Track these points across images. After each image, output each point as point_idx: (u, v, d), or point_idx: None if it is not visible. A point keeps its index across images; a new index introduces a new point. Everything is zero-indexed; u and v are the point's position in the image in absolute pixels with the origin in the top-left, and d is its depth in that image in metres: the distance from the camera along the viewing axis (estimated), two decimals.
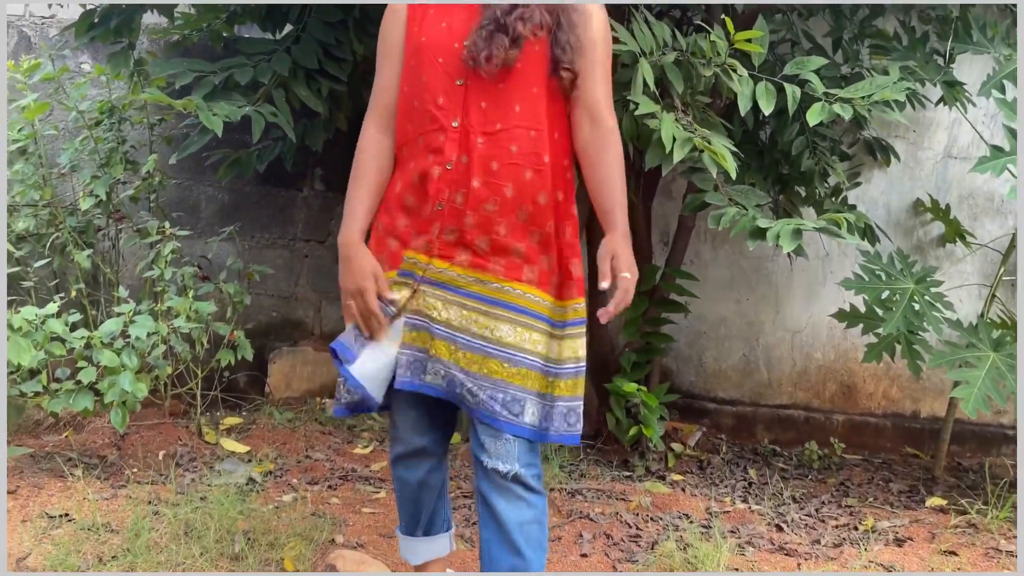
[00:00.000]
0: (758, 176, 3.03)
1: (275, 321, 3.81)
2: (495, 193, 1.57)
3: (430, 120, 1.58)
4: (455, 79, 1.57)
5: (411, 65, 1.61)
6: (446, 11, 1.61)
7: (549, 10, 1.57)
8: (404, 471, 1.76)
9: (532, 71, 1.58)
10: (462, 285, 1.59)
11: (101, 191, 2.82)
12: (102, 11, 2.71)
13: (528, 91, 1.58)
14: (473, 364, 1.57)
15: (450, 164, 1.57)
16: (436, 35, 1.59)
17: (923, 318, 2.67)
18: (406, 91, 1.62)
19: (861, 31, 2.86)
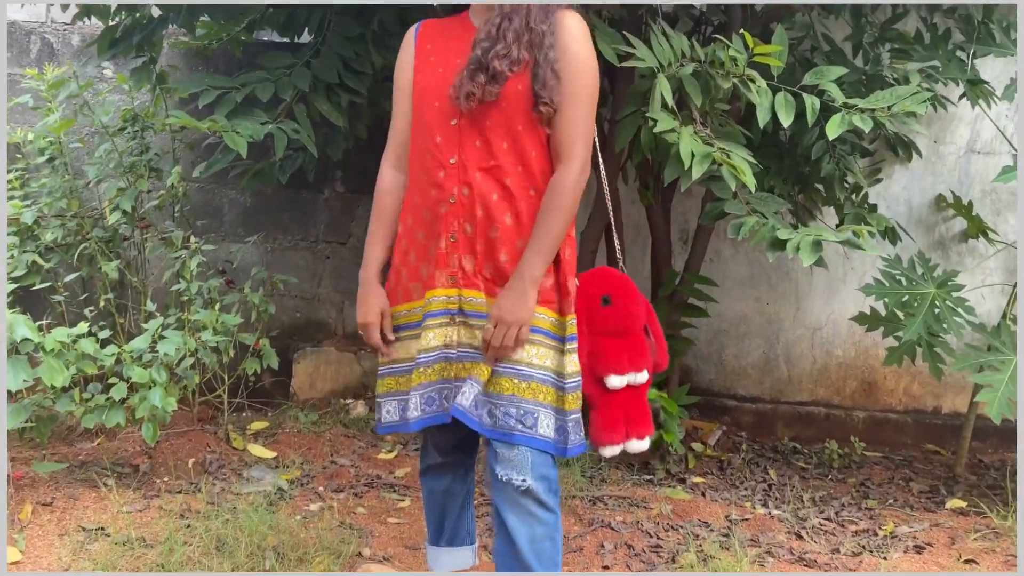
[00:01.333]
0: (778, 179, 3.03)
1: (298, 322, 3.87)
2: (496, 221, 1.65)
3: (431, 158, 1.69)
4: (450, 119, 1.67)
5: (416, 109, 1.74)
6: (443, 57, 1.71)
7: (528, 45, 1.62)
8: (432, 480, 1.90)
9: (515, 108, 1.64)
10: (476, 308, 1.67)
11: (127, 204, 2.87)
12: (124, 27, 2.74)
13: (513, 128, 1.65)
14: (488, 384, 1.65)
15: (453, 198, 1.66)
16: (433, 80, 1.70)
17: (944, 323, 2.66)
18: (413, 133, 1.75)
19: (882, 35, 2.83)
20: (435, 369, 1.68)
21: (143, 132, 3.28)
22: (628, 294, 1.70)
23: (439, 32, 1.77)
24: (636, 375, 1.66)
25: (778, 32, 2.35)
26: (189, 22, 2.79)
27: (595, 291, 1.68)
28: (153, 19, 2.82)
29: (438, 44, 1.74)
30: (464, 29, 1.72)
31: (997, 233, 3.46)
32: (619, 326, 1.67)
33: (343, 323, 3.88)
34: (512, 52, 1.60)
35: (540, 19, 1.63)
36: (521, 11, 1.63)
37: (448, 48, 1.72)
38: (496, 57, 1.59)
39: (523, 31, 1.61)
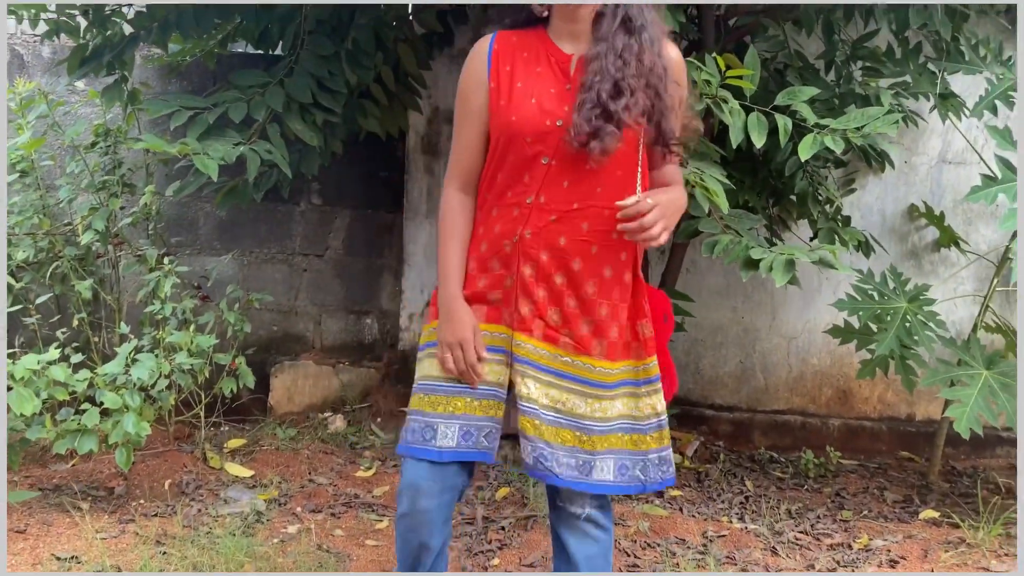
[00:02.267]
0: (752, 193, 3.05)
1: (275, 336, 3.85)
2: (563, 267, 1.58)
3: (511, 195, 1.60)
4: (541, 157, 1.57)
5: (500, 142, 1.60)
6: (533, 84, 1.58)
7: (652, 93, 1.55)
8: (408, 531, 1.68)
9: (622, 155, 1.57)
10: (536, 359, 1.60)
11: (100, 224, 2.84)
12: (94, 46, 2.71)
13: (613, 174, 1.58)
14: (552, 436, 1.59)
15: (516, 237, 1.59)
16: (527, 113, 1.57)
17: (915, 336, 2.69)
18: (493, 164, 1.63)
19: (854, 52, 2.85)
20: (483, 405, 1.60)
21: (115, 147, 3.25)
22: (669, 312, 1.71)
23: (519, 51, 1.62)
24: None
25: (750, 53, 2.36)
26: (161, 39, 2.77)
27: (660, 309, 1.69)
28: (124, 37, 2.80)
29: (521, 67, 1.60)
30: (548, 51, 1.61)
31: (968, 244, 3.51)
32: (663, 344, 1.69)
33: (320, 336, 3.87)
34: (640, 102, 1.53)
35: (655, 62, 1.55)
36: (631, 48, 1.54)
37: (536, 74, 1.59)
38: (627, 109, 1.51)
39: (642, 74, 1.53)
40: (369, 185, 3.83)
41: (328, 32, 2.67)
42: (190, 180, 2.54)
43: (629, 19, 1.55)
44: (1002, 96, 2.61)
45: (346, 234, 3.87)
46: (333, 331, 3.88)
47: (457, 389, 1.60)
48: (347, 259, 3.87)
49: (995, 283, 3.12)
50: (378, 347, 3.87)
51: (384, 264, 3.87)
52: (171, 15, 2.73)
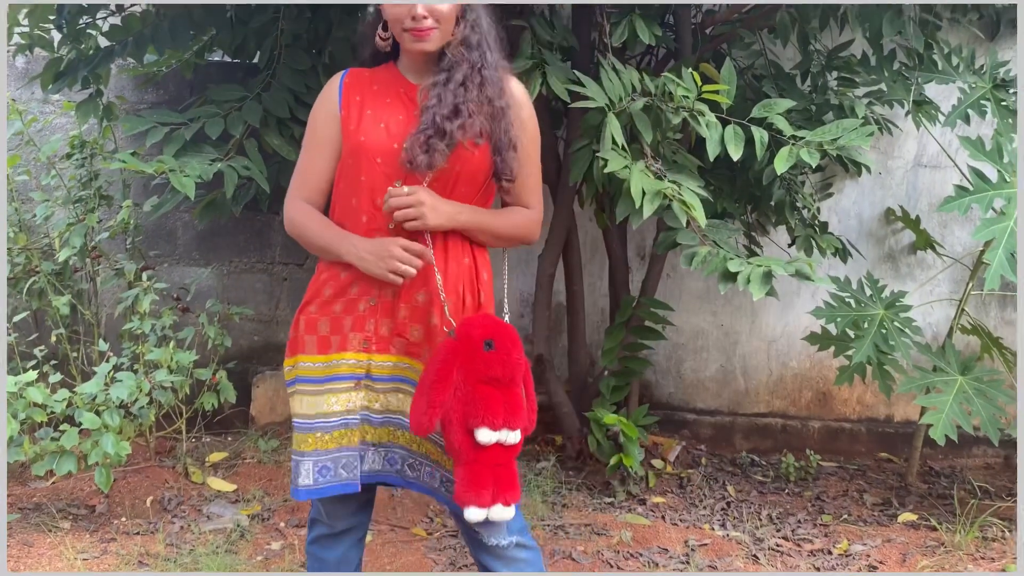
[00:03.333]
0: (730, 200, 3.07)
1: (256, 345, 3.83)
2: (425, 285, 1.61)
3: (367, 220, 1.61)
4: (393, 180, 1.60)
5: (348, 164, 1.63)
6: (384, 111, 1.63)
7: (489, 117, 1.60)
8: (321, 551, 1.77)
9: (468, 175, 1.62)
10: (397, 372, 1.63)
11: (77, 240, 2.82)
12: (68, 61, 2.68)
13: (462, 195, 1.63)
14: (412, 443, 1.64)
15: None
16: (375, 136, 1.61)
17: (892, 345, 2.72)
18: (342, 188, 1.65)
19: (829, 62, 2.87)
20: (335, 436, 1.62)
21: (91, 159, 3.22)
22: (512, 341, 1.57)
23: (370, 83, 1.68)
24: (509, 433, 1.53)
25: (726, 66, 2.38)
26: (137, 53, 2.75)
27: (477, 334, 1.55)
28: (100, 50, 2.77)
29: (370, 97, 1.65)
30: (399, 83, 1.66)
31: (944, 247, 3.55)
32: (500, 374, 1.54)
33: None
34: (476, 124, 1.58)
35: (497, 94, 1.61)
36: (473, 79, 1.59)
37: (386, 103, 1.64)
38: (461, 128, 1.56)
39: (482, 102, 1.58)
40: None
41: (305, 46, 2.66)
42: (167, 197, 2.53)
43: (471, 55, 1.60)
44: (974, 105, 2.64)
45: None
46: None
47: (309, 425, 1.62)
48: None
49: (970, 287, 3.16)
50: None
51: None
52: (146, 29, 2.71)
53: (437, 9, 1.55)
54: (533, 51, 2.48)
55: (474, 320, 1.59)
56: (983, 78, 2.70)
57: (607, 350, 3.06)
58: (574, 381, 3.39)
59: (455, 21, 1.60)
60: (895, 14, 2.51)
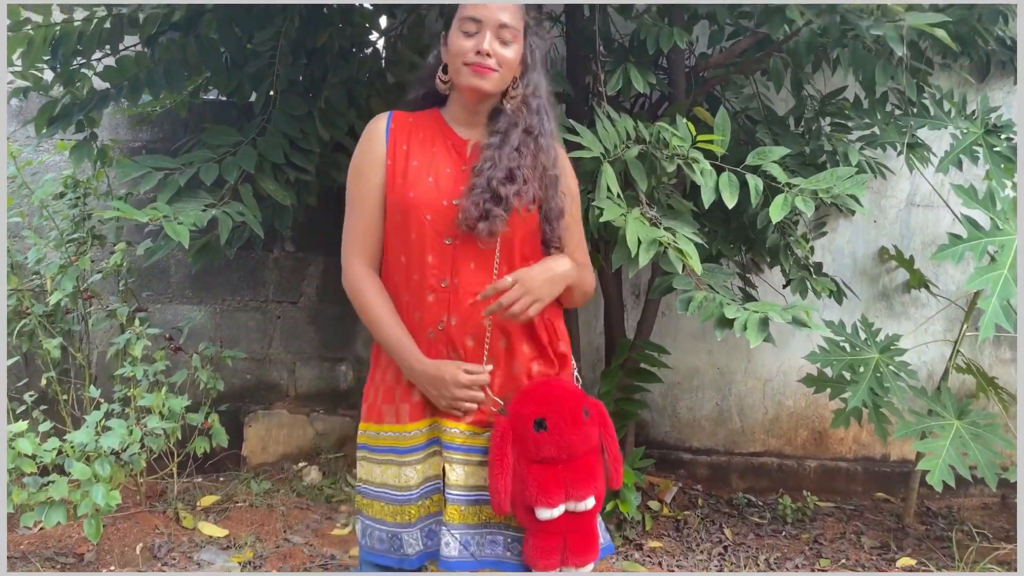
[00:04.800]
0: (724, 243, 3.07)
1: (249, 384, 3.81)
2: (490, 350, 1.57)
3: (420, 278, 1.57)
4: (444, 237, 1.56)
5: (397, 220, 1.59)
6: (431, 163, 1.60)
7: (542, 185, 1.59)
8: None
9: (520, 237, 1.60)
10: (465, 441, 1.57)
11: (69, 284, 2.80)
12: (63, 105, 2.68)
13: (518, 252, 1.60)
14: (470, 517, 1.57)
15: (442, 324, 1.57)
16: (424, 191, 1.57)
17: (888, 388, 2.72)
18: (392, 243, 1.60)
19: (822, 108, 2.89)
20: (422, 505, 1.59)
21: (84, 198, 3.21)
22: (569, 417, 1.49)
23: (414, 129, 1.63)
24: (577, 504, 1.48)
25: (720, 114, 2.39)
26: (133, 96, 2.74)
27: (527, 412, 1.49)
28: (94, 93, 2.77)
29: (416, 145, 1.62)
30: (446, 134, 1.63)
31: (937, 286, 3.56)
32: (554, 454, 1.47)
33: (295, 384, 3.83)
34: (530, 191, 1.57)
35: (551, 162, 1.60)
36: (528, 144, 1.57)
37: (433, 154, 1.61)
38: (517, 195, 1.54)
39: (536, 168, 1.57)
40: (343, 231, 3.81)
41: (301, 91, 2.66)
42: (161, 244, 2.51)
43: (530, 119, 1.59)
44: (967, 151, 2.66)
45: (320, 281, 3.85)
46: (307, 379, 3.84)
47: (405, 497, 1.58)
48: (321, 306, 3.84)
49: (964, 328, 3.16)
50: (353, 394, 3.84)
51: None
52: (141, 72, 2.71)
53: (502, 53, 1.55)
54: None
55: (527, 395, 1.54)
56: (975, 123, 2.71)
57: (603, 393, 3.04)
58: None
59: (514, 80, 1.60)
60: (887, 61, 2.53)
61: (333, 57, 2.71)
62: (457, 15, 1.57)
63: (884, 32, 2.15)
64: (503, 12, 1.55)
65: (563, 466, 1.48)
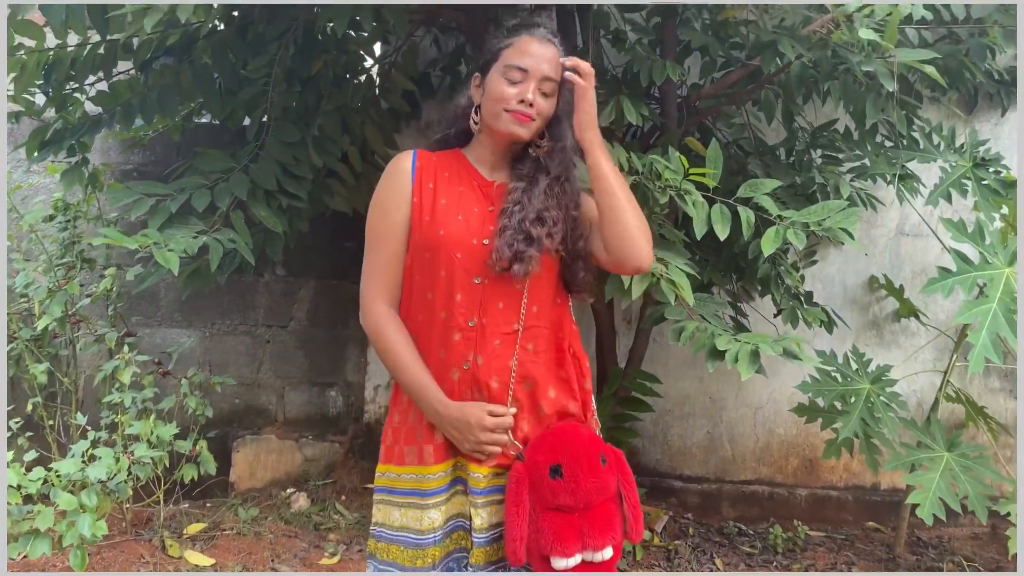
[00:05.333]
0: (716, 272, 3.08)
1: (237, 408, 3.78)
2: (514, 393, 1.56)
3: (446, 317, 1.56)
4: (473, 276, 1.55)
5: (425, 257, 1.58)
6: (458, 202, 1.60)
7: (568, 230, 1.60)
8: None
9: (547, 278, 1.60)
10: (489, 483, 1.55)
11: (58, 310, 2.78)
12: (55, 130, 2.67)
13: (545, 292, 1.60)
14: (493, 555, 1.55)
15: (467, 364, 1.55)
16: (454, 230, 1.57)
17: (879, 420, 2.72)
18: (418, 281, 1.59)
19: (813, 140, 2.91)
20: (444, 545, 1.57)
21: (74, 221, 3.19)
22: (585, 465, 1.47)
23: (440, 168, 1.64)
24: (594, 553, 1.44)
25: (712, 146, 2.40)
26: (125, 121, 2.74)
27: (543, 459, 1.47)
28: (87, 116, 2.76)
29: (442, 184, 1.62)
30: (472, 175, 1.64)
31: (927, 315, 3.57)
32: (570, 502, 1.44)
33: (283, 409, 3.80)
34: (559, 234, 1.57)
35: (574, 205, 1.61)
36: (553, 188, 1.58)
37: (460, 193, 1.61)
38: (549, 236, 1.55)
39: (562, 210, 1.58)
40: (334, 255, 3.80)
41: (294, 119, 2.66)
42: (151, 270, 2.50)
43: (558, 166, 1.60)
44: (956, 184, 2.68)
45: (310, 305, 3.83)
46: (297, 404, 3.81)
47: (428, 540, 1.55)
48: (311, 330, 3.83)
49: (954, 358, 3.17)
50: (343, 420, 3.81)
51: (349, 335, 3.83)
52: (134, 97, 2.71)
53: (542, 104, 1.57)
54: None
55: (543, 442, 1.52)
56: (964, 156, 2.74)
57: None
58: None
59: (545, 128, 1.61)
60: (877, 95, 2.55)
61: (327, 85, 2.72)
62: (501, 61, 1.59)
63: (875, 68, 2.17)
64: (546, 64, 1.58)
65: (579, 514, 1.46)
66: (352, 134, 2.86)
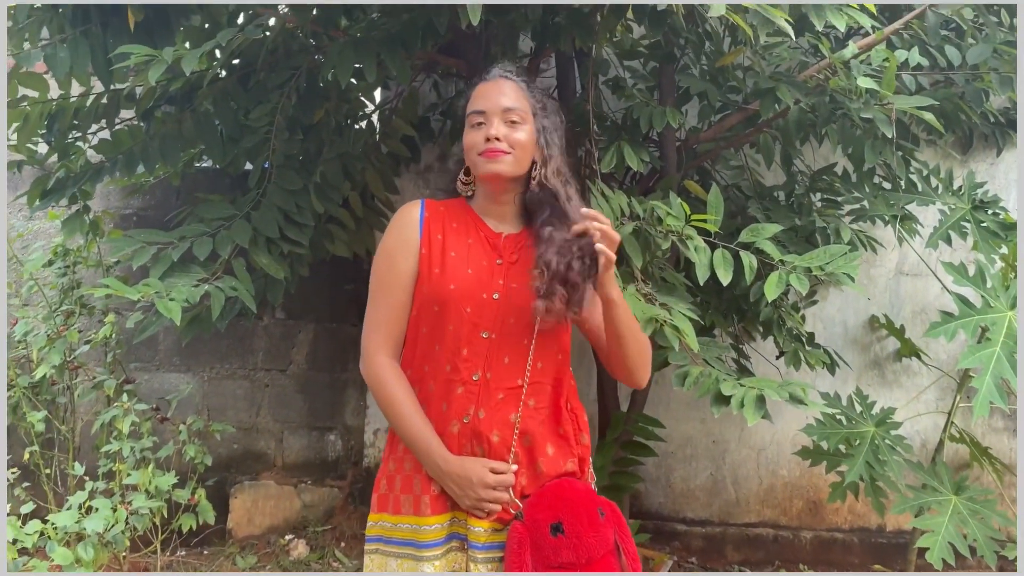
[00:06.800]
0: (718, 315, 3.07)
1: (236, 454, 3.74)
2: (515, 448, 1.54)
3: (451, 370, 1.54)
4: (481, 331, 1.55)
5: (433, 311, 1.56)
6: (467, 255, 1.59)
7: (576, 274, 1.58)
8: None
9: (556, 329, 1.59)
10: (489, 539, 1.53)
11: (57, 358, 2.76)
12: (57, 179, 2.68)
13: (551, 348, 1.59)
14: None
15: (467, 418, 1.54)
16: (465, 284, 1.56)
17: (884, 463, 2.70)
18: (424, 333, 1.58)
19: (812, 184, 2.93)
20: None
21: (74, 267, 3.18)
22: (585, 519, 1.47)
23: (448, 221, 1.63)
24: None
25: (713, 191, 2.41)
26: (127, 170, 2.74)
27: (543, 517, 1.46)
28: (89, 166, 2.76)
29: (451, 235, 1.61)
30: (479, 226, 1.63)
31: (928, 355, 3.57)
32: (572, 559, 1.44)
33: (282, 454, 3.77)
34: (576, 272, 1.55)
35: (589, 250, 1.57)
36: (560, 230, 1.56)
37: (469, 246, 1.60)
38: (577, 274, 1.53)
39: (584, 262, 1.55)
40: (334, 298, 3.80)
41: (297, 167, 2.67)
42: (152, 319, 2.49)
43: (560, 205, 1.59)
44: (955, 227, 2.69)
45: (310, 348, 3.81)
46: (295, 448, 3.78)
47: None
48: (310, 374, 3.80)
49: (958, 400, 3.16)
50: (342, 464, 3.78)
51: (348, 378, 3.80)
52: (136, 146, 2.72)
53: (512, 136, 1.56)
54: None
55: (541, 499, 1.51)
56: (962, 199, 2.76)
57: (597, 468, 2.97)
58: None
59: (534, 163, 1.60)
60: (875, 139, 2.57)
61: (329, 132, 2.73)
62: (467, 116, 1.61)
63: (873, 115, 2.19)
64: (504, 97, 1.58)
65: (581, 570, 1.45)
66: (353, 179, 2.87)
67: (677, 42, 2.75)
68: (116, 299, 3.26)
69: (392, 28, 2.36)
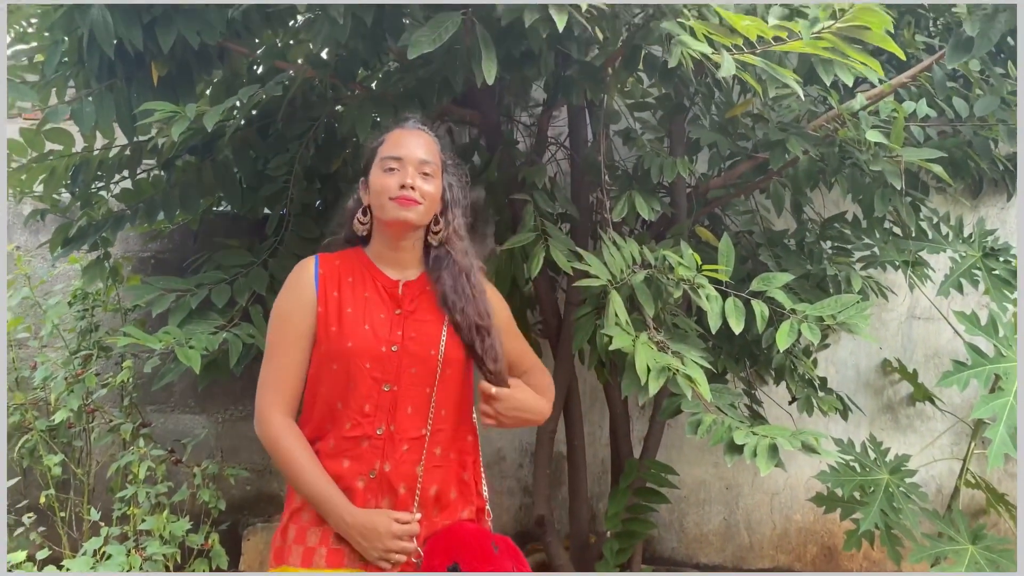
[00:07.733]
0: (730, 360, 3.08)
1: (248, 496, 3.74)
2: (420, 498, 1.58)
3: (353, 426, 1.56)
4: (383, 384, 1.57)
5: (331, 369, 1.58)
6: (364, 309, 1.61)
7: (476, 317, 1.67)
8: None
9: (456, 375, 1.65)
10: None
11: (75, 403, 2.79)
12: (79, 228, 2.73)
13: (453, 393, 1.64)
14: None
15: (374, 472, 1.56)
16: (362, 339, 1.57)
17: (899, 510, 2.68)
18: (324, 392, 1.58)
19: (823, 232, 2.95)
20: None
21: (92, 310, 3.23)
22: (480, 555, 1.51)
23: (344, 276, 1.65)
24: None
25: (724, 240, 2.44)
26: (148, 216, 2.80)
27: (439, 561, 1.50)
28: (111, 214, 2.82)
29: (347, 291, 1.63)
30: (375, 276, 1.66)
31: (942, 400, 3.55)
32: None
33: None
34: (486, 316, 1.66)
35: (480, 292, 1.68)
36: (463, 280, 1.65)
37: (365, 299, 1.62)
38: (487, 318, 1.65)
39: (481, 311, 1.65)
40: None
41: (314, 215, 2.72)
42: (171, 367, 2.52)
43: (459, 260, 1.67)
44: (966, 274, 2.70)
45: None
46: None
47: None
48: None
49: (972, 447, 3.15)
50: None
51: None
52: (157, 195, 2.78)
53: (424, 187, 1.62)
54: (535, 223, 2.54)
55: (436, 544, 1.55)
56: (972, 246, 2.77)
57: (611, 515, 2.99)
58: (574, 538, 3.30)
59: (435, 217, 1.68)
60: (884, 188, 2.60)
61: (346, 181, 2.78)
62: (377, 157, 1.66)
63: (882, 167, 2.22)
64: (420, 149, 1.65)
65: None
66: None
67: (687, 92, 2.80)
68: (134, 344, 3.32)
69: (408, 84, 2.42)
